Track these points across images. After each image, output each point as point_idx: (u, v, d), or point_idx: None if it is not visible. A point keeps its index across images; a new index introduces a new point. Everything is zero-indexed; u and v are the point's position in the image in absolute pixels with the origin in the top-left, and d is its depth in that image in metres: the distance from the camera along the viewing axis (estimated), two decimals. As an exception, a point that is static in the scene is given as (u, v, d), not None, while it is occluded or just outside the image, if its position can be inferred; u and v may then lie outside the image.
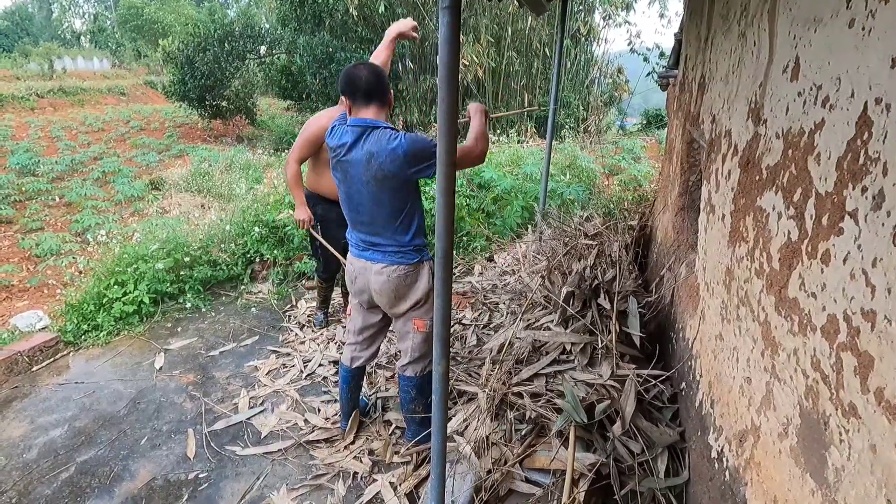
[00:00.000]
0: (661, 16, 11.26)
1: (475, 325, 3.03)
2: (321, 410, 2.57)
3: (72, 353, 3.13)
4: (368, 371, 2.81)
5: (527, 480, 1.84)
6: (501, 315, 3.02)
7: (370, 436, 2.37)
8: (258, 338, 3.29)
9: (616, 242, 2.71)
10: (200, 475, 2.19)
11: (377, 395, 2.62)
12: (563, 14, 3.45)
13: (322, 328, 3.33)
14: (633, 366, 2.03)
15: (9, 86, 17.19)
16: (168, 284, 3.66)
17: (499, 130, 9.35)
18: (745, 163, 1.45)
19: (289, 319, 3.51)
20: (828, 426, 0.95)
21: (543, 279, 2.58)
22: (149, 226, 4.95)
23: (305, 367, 2.94)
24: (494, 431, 1.98)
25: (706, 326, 1.73)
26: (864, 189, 0.86)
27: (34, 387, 2.80)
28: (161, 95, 19.30)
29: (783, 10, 1.25)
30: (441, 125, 1.19)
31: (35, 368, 2.97)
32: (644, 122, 12.23)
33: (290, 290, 3.90)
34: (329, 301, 3.41)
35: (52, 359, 3.07)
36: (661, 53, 9.79)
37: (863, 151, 0.87)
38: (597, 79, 11.84)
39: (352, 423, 2.36)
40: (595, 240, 2.70)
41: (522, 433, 1.95)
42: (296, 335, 3.30)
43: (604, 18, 10.94)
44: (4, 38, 35.48)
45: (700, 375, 1.75)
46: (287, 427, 2.46)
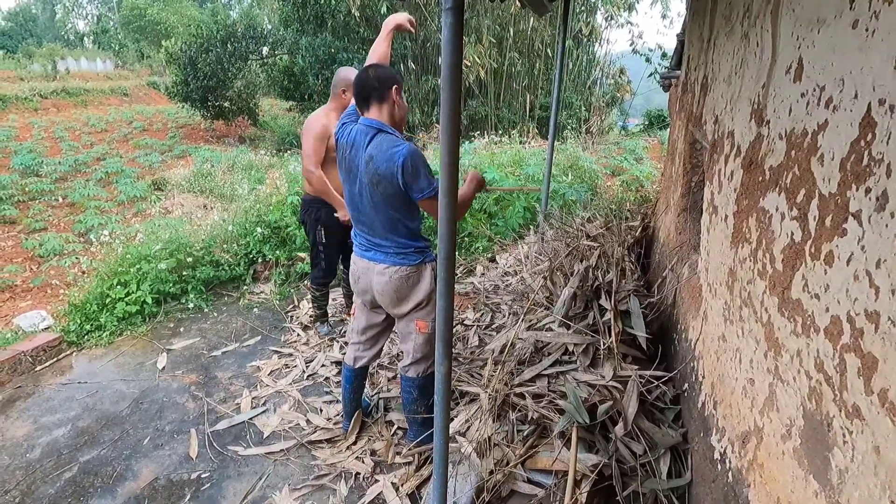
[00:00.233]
0: (664, 16, 11.23)
1: (477, 326, 3.03)
2: (323, 411, 2.58)
3: (75, 353, 3.14)
4: (371, 371, 2.81)
5: (529, 481, 1.84)
6: (503, 316, 3.02)
7: (372, 436, 2.37)
8: (260, 338, 3.29)
9: (618, 243, 2.71)
10: (203, 475, 2.20)
11: (379, 396, 2.63)
12: (566, 15, 3.45)
13: (329, 336, 3.23)
14: (636, 367, 2.03)
15: (12, 87, 17.25)
16: (171, 285, 3.67)
17: (500, 131, 9.34)
18: (748, 164, 1.45)
19: (291, 320, 3.52)
20: (831, 428, 0.95)
21: (545, 280, 2.58)
22: (151, 226, 4.96)
23: (307, 368, 2.94)
24: (496, 432, 1.98)
25: (709, 327, 1.73)
26: (868, 190, 0.86)
27: (37, 387, 2.82)
28: (164, 96, 19.38)
29: (786, 11, 1.25)
30: (444, 126, 1.20)
31: (38, 368, 2.98)
32: (646, 123, 12.20)
33: (293, 291, 3.90)
34: (327, 313, 3.33)
35: (56, 359, 3.08)
36: (664, 54, 9.77)
37: (866, 152, 0.87)
38: (599, 79, 11.83)
39: (354, 424, 2.36)
40: (597, 241, 2.70)
41: (524, 434, 1.95)
42: (298, 335, 3.30)
43: (606, 19, 10.93)
44: (8, 40, 35.62)
45: (703, 376, 1.74)
46: (289, 427, 2.47)
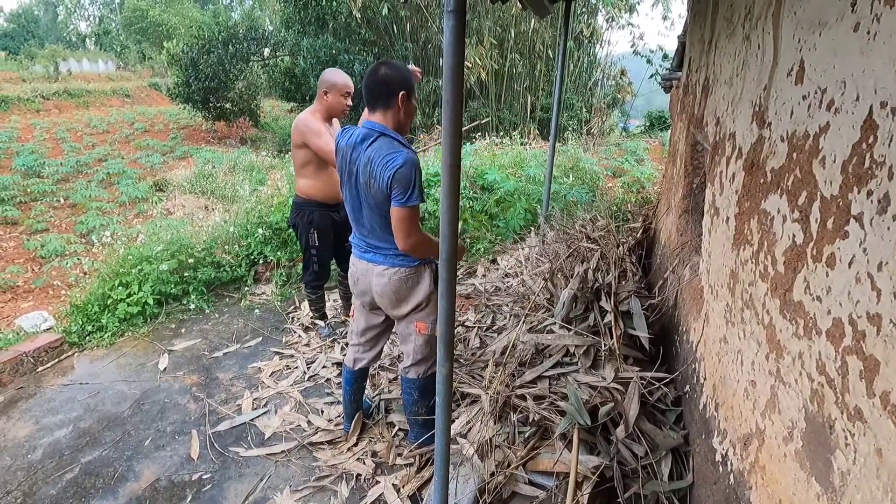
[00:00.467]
0: (665, 18, 11.22)
1: (478, 328, 3.03)
2: (324, 412, 2.58)
3: (76, 354, 3.14)
4: (371, 373, 2.81)
5: (530, 483, 1.84)
6: (504, 317, 3.02)
7: (373, 438, 2.37)
8: (261, 339, 3.29)
9: (619, 245, 2.71)
10: (204, 476, 2.20)
11: (380, 397, 2.63)
12: (567, 16, 3.45)
13: (330, 337, 3.23)
14: (637, 368, 2.03)
15: (14, 88, 17.32)
16: (172, 286, 3.68)
17: (501, 133, 9.35)
18: (750, 166, 1.45)
19: (292, 321, 3.52)
20: (833, 430, 0.95)
21: (546, 281, 2.58)
22: (153, 227, 4.97)
23: (308, 369, 2.94)
24: (497, 434, 1.98)
25: (710, 329, 1.73)
26: (870, 193, 0.86)
27: (39, 387, 2.82)
28: (165, 97, 19.44)
29: (788, 14, 1.25)
30: (446, 127, 1.20)
31: (40, 369, 2.99)
32: (647, 125, 12.20)
33: (294, 292, 3.90)
34: (325, 313, 3.34)
35: (57, 359, 3.08)
36: (665, 55, 9.78)
37: (868, 155, 0.87)
38: (600, 81, 11.85)
39: (355, 425, 2.36)
40: (598, 242, 2.70)
41: (526, 436, 1.95)
42: (299, 337, 3.30)
43: (607, 20, 10.95)
44: (10, 41, 35.75)
45: (704, 378, 1.74)
46: (290, 428, 2.47)
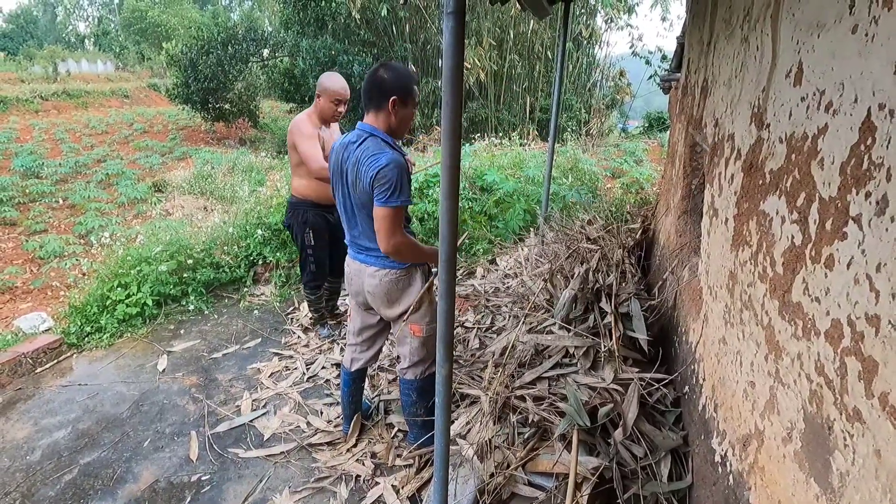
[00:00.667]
0: (664, 19, 11.29)
1: (477, 328, 3.02)
2: (323, 413, 2.58)
3: (75, 355, 3.14)
4: (370, 374, 2.81)
5: (529, 484, 1.84)
6: (504, 318, 3.02)
7: (372, 439, 2.37)
8: (261, 340, 3.29)
9: (618, 246, 2.71)
10: (203, 477, 2.20)
11: (379, 398, 2.62)
12: (566, 17, 3.45)
13: (329, 338, 3.24)
14: (636, 369, 2.03)
15: (13, 88, 17.29)
16: (171, 287, 3.67)
17: (501, 133, 9.36)
18: (749, 167, 1.45)
19: (291, 322, 3.52)
20: (832, 431, 0.95)
21: (546, 282, 2.58)
22: (152, 228, 4.96)
23: (308, 370, 2.94)
24: (497, 435, 1.98)
25: (709, 330, 1.73)
26: (868, 194, 0.86)
27: (38, 388, 2.81)
28: (164, 98, 19.40)
29: (786, 15, 1.25)
30: (445, 127, 1.20)
31: (39, 370, 2.98)
32: (646, 125, 12.21)
33: (293, 293, 3.90)
34: (324, 315, 3.34)
35: (56, 360, 3.08)
36: (664, 56, 9.80)
37: (866, 156, 0.87)
38: (599, 82, 11.86)
39: (354, 426, 2.36)
40: (597, 243, 2.70)
41: (525, 437, 1.95)
42: (298, 337, 3.30)
43: (606, 22, 10.95)
44: (9, 42, 35.71)
45: (703, 379, 1.75)
46: (289, 430, 2.47)
